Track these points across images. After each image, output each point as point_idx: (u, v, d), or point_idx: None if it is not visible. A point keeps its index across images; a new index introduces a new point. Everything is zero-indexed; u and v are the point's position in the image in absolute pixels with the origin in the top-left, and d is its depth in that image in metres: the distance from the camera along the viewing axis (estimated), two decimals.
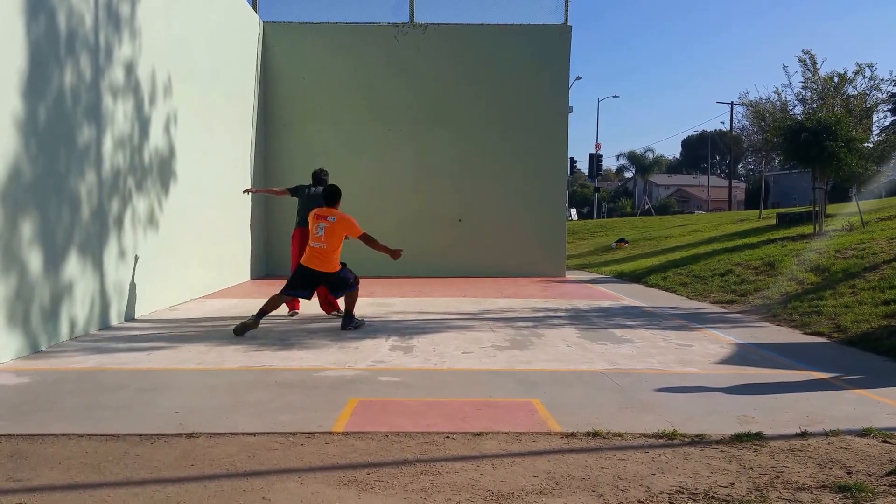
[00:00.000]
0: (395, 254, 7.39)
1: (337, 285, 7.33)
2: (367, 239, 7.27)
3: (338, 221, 7.18)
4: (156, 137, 8.45)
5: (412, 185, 13.92)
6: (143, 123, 8.10)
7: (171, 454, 3.48)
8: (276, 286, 11.62)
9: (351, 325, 7.26)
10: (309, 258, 7.19)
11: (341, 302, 7.75)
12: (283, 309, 8.37)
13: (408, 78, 13.87)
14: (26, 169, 5.80)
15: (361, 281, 7.61)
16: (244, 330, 6.75)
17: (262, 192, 9.91)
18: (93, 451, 3.52)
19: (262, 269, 13.53)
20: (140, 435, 3.76)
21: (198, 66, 9.84)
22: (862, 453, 3.57)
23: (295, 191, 8.40)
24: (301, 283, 7.24)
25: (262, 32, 13.52)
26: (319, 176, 8.44)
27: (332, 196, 7.40)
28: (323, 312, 8.22)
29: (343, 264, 7.38)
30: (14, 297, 5.64)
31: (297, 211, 8.33)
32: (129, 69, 7.73)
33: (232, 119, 11.63)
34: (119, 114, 7.49)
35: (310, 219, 7.34)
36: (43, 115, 6.06)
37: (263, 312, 6.97)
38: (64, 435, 3.75)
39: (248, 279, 12.68)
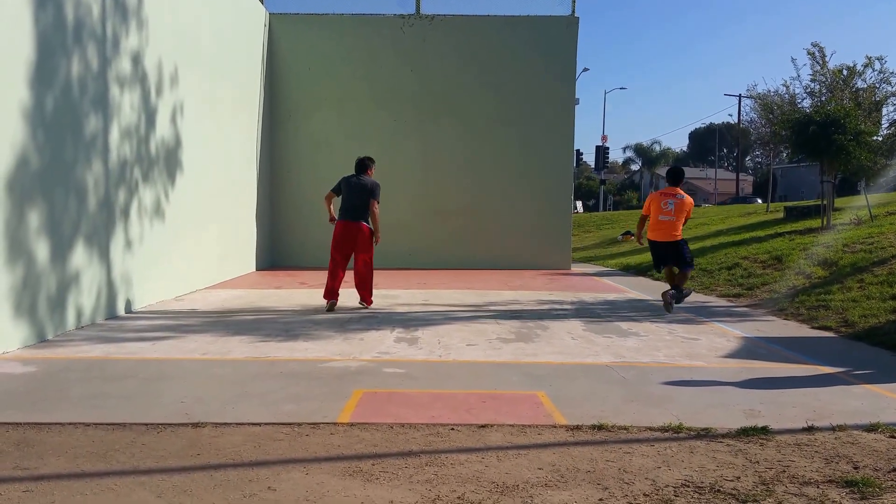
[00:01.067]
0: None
1: (679, 256, 8.16)
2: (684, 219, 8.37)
3: (686, 199, 8.16)
4: (162, 128, 8.45)
5: (417, 177, 13.89)
6: (149, 114, 8.10)
7: (177, 443, 3.49)
8: (282, 277, 11.72)
9: (682, 297, 8.23)
10: (657, 232, 8.19)
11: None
12: (285, 303, 8.38)
13: (414, 69, 13.83)
14: (33, 158, 5.81)
15: None
16: (671, 307, 8.01)
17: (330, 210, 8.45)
18: (99, 440, 3.53)
19: (267, 259, 13.55)
20: (146, 424, 3.78)
21: (204, 57, 9.83)
22: (869, 448, 3.55)
23: (337, 190, 8.17)
24: (661, 257, 8.32)
25: (268, 24, 13.49)
26: (364, 163, 8.25)
27: (677, 176, 8.41)
28: (325, 304, 8.14)
29: (685, 240, 8.29)
30: (21, 286, 5.66)
31: (341, 206, 8.10)
32: (136, 59, 7.73)
33: (238, 109, 11.62)
34: (126, 104, 7.49)
35: (658, 196, 8.26)
36: (50, 105, 6.06)
37: (671, 284, 8.26)
38: (70, 424, 3.76)
39: (254, 270, 12.71)
